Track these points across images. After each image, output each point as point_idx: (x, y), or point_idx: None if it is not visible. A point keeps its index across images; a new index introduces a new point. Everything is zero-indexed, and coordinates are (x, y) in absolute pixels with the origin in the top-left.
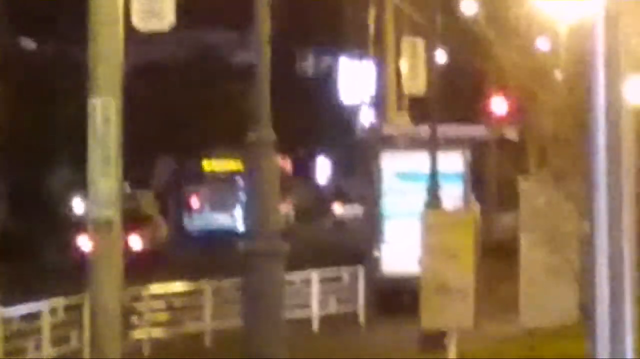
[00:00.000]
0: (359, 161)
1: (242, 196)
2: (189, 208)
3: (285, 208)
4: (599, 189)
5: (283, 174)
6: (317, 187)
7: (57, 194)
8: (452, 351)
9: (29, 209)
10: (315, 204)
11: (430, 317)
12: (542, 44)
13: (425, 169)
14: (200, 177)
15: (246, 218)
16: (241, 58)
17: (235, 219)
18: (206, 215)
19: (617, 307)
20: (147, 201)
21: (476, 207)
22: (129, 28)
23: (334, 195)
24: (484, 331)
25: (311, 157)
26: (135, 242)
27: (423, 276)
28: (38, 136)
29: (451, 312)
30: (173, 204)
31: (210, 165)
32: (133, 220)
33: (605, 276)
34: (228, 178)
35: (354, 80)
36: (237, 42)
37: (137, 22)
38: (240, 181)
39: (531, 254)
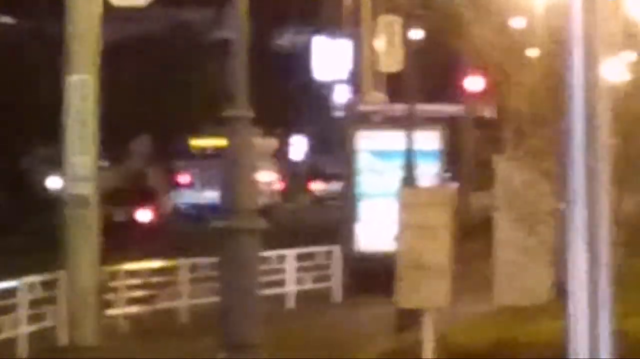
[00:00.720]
0: (334, 139)
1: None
2: (178, 185)
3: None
4: (576, 168)
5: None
6: (292, 164)
7: (33, 171)
8: (428, 330)
9: (5, 187)
10: (291, 181)
11: (406, 295)
12: (517, 23)
13: (401, 147)
14: (187, 155)
15: (223, 195)
16: (217, 35)
17: None
18: (195, 192)
19: (594, 286)
20: (156, 177)
21: (452, 185)
22: (105, 5)
23: (309, 173)
24: (458, 310)
25: (286, 134)
26: (143, 216)
27: (399, 254)
28: (15, 112)
29: (427, 290)
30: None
31: (198, 142)
32: (141, 195)
33: (583, 256)
34: (216, 155)
35: (330, 58)
36: (212, 20)
37: None
38: None
39: (506, 233)
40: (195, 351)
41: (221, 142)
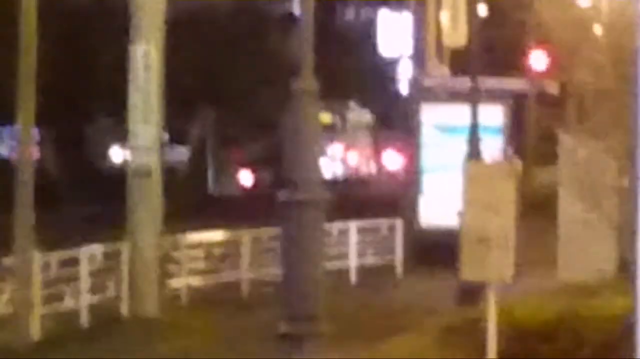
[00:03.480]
0: (398, 114)
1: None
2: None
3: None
4: None
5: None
6: None
7: (98, 142)
8: (491, 304)
9: (70, 158)
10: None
11: (470, 269)
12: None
13: (465, 122)
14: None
15: (287, 167)
16: (281, 9)
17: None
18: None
19: None
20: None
21: (516, 160)
22: None
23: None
24: (521, 285)
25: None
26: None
27: (463, 228)
28: (78, 83)
29: (491, 265)
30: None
31: None
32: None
33: None
34: None
35: (394, 33)
36: None
37: None
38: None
39: (570, 209)
40: (256, 323)
41: None
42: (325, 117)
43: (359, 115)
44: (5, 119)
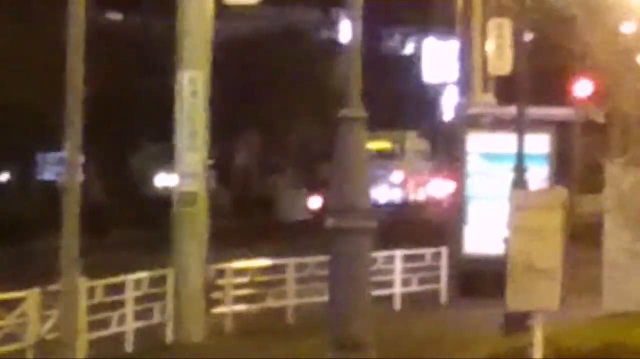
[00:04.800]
0: (443, 141)
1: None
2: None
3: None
4: None
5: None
6: None
7: (142, 168)
8: (537, 333)
9: (116, 184)
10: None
11: (517, 298)
12: (628, 27)
13: (511, 150)
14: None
15: (335, 194)
16: (325, 35)
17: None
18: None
19: None
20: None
21: (562, 189)
22: (216, 3)
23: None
24: (567, 314)
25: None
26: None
27: (510, 256)
28: (124, 109)
29: (538, 293)
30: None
31: None
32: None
33: None
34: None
35: (440, 61)
36: (320, 20)
37: None
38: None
39: (615, 238)
40: (302, 351)
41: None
42: (386, 145)
43: (418, 143)
44: (52, 145)
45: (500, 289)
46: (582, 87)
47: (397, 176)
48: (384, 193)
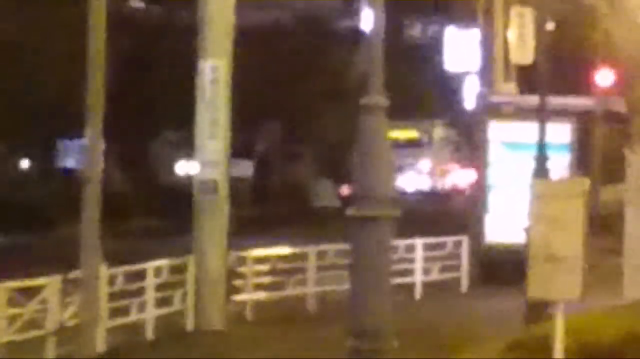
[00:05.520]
0: (465, 130)
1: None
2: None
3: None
4: None
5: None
6: None
7: (163, 156)
8: (559, 322)
9: (136, 172)
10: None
11: (537, 287)
12: None
13: (532, 139)
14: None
15: (357, 182)
16: (346, 24)
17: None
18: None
19: None
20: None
21: (584, 178)
22: None
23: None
24: (588, 303)
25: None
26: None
27: (531, 245)
28: (145, 97)
29: (559, 282)
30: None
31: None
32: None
33: None
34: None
35: (461, 50)
36: (341, 9)
37: None
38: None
39: (636, 227)
40: (322, 338)
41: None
42: (414, 134)
43: (445, 132)
44: (73, 133)
45: (521, 278)
46: (604, 77)
47: (424, 164)
48: (411, 181)
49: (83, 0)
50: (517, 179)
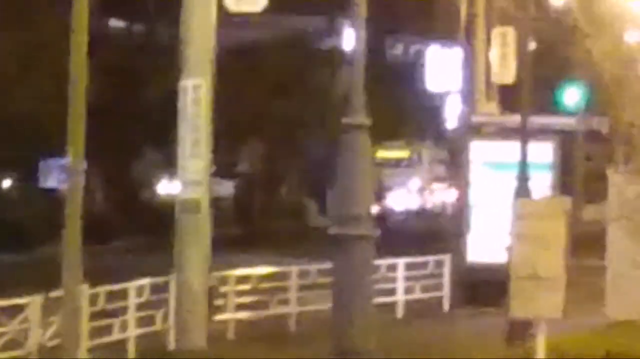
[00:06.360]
0: (447, 149)
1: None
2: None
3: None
4: None
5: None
6: None
7: (144, 175)
8: (540, 341)
9: (118, 191)
10: None
11: (520, 306)
12: (631, 36)
13: (514, 158)
14: None
15: (338, 202)
16: (329, 44)
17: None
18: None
19: None
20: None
21: (565, 198)
22: (219, 11)
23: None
24: (570, 322)
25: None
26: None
27: (513, 264)
28: (127, 116)
29: (541, 301)
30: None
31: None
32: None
33: None
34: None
35: (443, 69)
36: (324, 28)
37: (230, 3)
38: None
39: (619, 246)
40: (304, 357)
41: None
42: (403, 153)
43: (435, 152)
44: (54, 152)
45: (503, 298)
46: (585, 96)
47: (414, 183)
48: (401, 201)
49: (65, 20)
50: (499, 199)
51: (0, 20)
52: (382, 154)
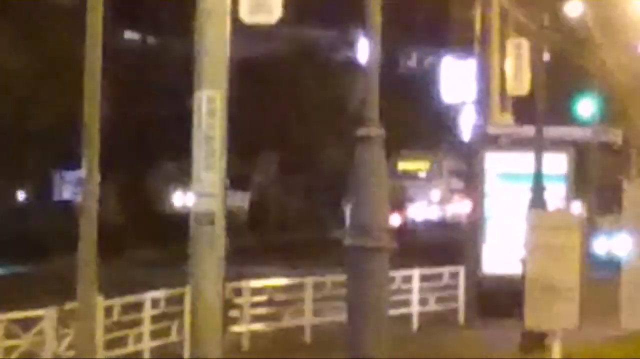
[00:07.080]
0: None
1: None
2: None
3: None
4: None
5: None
6: None
7: (159, 187)
8: (556, 352)
9: (133, 203)
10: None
11: (535, 317)
12: None
13: (528, 170)
14: None
15: (354, 213)
16: (342, 55)
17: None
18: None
19: None
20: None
21: (580, 209)
22: (233, 23)
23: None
24: (585, 333)
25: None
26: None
27: (528, 276)
28: (142, 128)
29: (557, 312)
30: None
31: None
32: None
33: None
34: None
35: (457, 80)
36: (338, 39)
37: (245, 15)
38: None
39: (633, 257)
40: None
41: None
42: (424, 166)
43: (454, 163)
44: (69, 164)
45: (518, 309)
46: (600, 108)
47: (434, 195)
48: (422, 212)
49: (80, 33)
50: (513, 210)
51: (16, 35)
52: (403, 166)
